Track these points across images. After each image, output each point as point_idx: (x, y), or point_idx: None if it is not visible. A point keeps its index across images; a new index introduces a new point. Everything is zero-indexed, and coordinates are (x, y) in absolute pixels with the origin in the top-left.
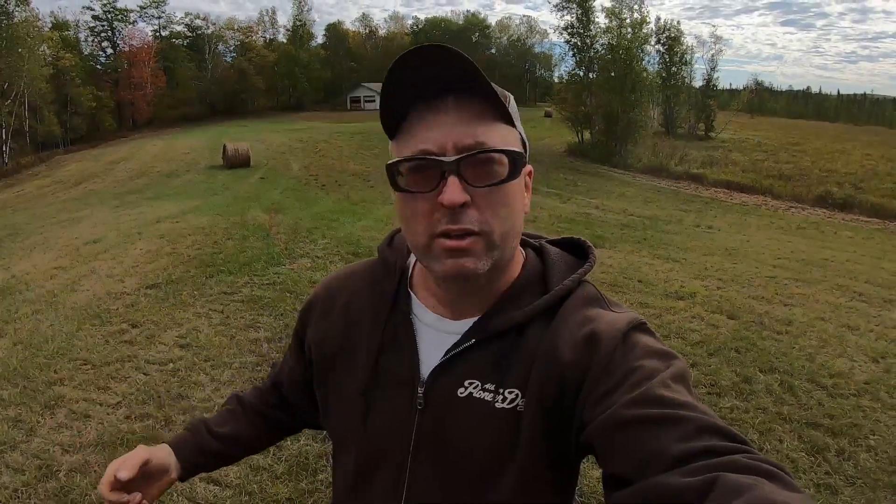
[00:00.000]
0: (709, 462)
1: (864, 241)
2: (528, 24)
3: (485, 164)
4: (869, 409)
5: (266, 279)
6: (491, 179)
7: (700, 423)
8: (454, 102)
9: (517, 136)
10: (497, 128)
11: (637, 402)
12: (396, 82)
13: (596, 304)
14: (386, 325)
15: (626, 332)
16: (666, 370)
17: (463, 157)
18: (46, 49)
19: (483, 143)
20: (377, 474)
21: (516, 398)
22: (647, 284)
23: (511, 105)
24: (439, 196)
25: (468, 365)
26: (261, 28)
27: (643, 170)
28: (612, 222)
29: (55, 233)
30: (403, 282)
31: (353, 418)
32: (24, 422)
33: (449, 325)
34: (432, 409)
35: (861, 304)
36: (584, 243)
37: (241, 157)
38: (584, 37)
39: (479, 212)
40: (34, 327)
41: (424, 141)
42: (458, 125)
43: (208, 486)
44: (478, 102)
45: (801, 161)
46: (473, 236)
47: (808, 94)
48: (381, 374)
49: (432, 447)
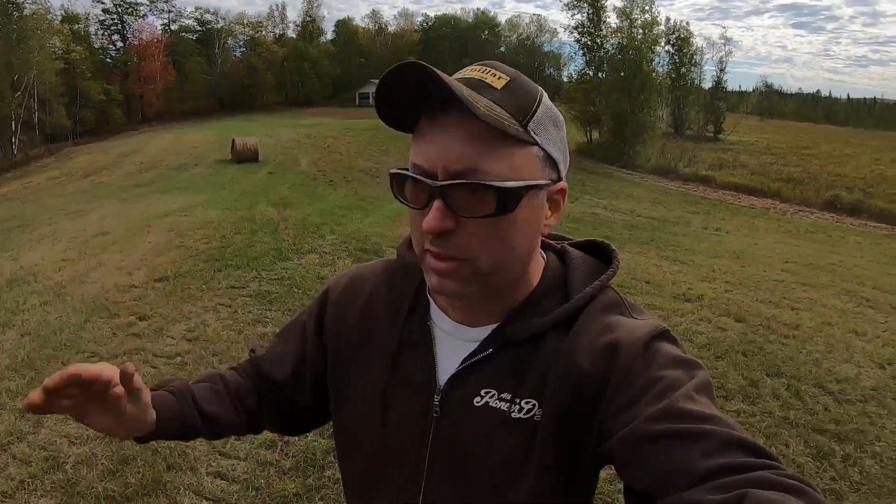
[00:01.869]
0: (736, 478)
1: (872, 246)
2: (537, 22)
3: (471, 193)
4: (875, 415)
5: (274, 274)
6: (476, 212)
7: (725, 437)
8: (457, 118)
9: (535, 158)
10: (503, 152)
11: (661, 416)
12: (385, 99)
13: (617, 310)
14: (403, 328)
15: (647, 340)
16: (689, 381)
17: (447, 183)
18: (57, 42)
19: (474, 170)
20: (391, 476)
21: (533, 408)
22: (654, 286)
23: (539, 112)
24: (423, 219)
25: (484, 374)
26: (270, 23)
27: (651, 171)
28: (619, 223)
29: (64, 225)
30: (422, 286)
31: (370, 418)
32: (32, 413)
33: (466, 332)
34: (448, 416)
35: (868, 310)
36: (608, 247)
37: (250, 152)
38: (595, 36)
39: (466, 239)
40: (42, 319)
41: (422, 155)
42: (455, 144)
43: (215, 481)
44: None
45: (810, 165)
46: (458, 261)
47: (818, 97)
48: (398, 376)
49: (448, 454)
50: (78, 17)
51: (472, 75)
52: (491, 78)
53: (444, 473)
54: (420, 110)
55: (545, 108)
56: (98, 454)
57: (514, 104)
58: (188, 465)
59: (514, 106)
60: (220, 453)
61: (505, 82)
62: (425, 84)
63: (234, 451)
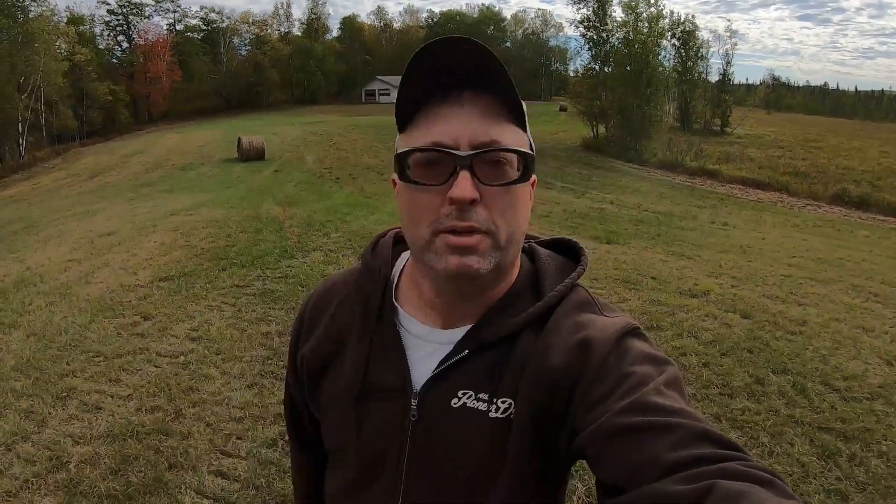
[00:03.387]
0: (703, 469)
1: (881, 240)
2: (543, 17)
3: (498, 163)
4: (882, 413)
5: (278, 272)
6: (503, 179)
7: (694, 430)
8: (470, 97)
9: (528, 141)
10: (510, 129)
11: (630, 409)
12: (417, 70)
13: (588, 309)
14: (373, 336)
15: (618, 337)
16: (659, 376)
17: (477, 153)
18: (62, 44)
19: (498, 142)
20: (374, 484)
21: (509, 407)
22: (660, 282)
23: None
24: (450, 191)
25: (461, 375)
26: (276, 21)
27: (658, 165)
28: (626, 218)
29: (70, 225)
30: (388, 292)
31: (347, 430)
32: (36, 413)
33: (439, 334)
34: (426, 420)
35: (876, 306)
36: (576, 245)
37: (256, 150)
38: (601, 31)
39: (488, 211)
40: (48, 319)
41: (438, 134)
42: (475, 120)
43: (216, 480)
44: (494, 100)
45: (818, 158)
46: (480, 234)
47: (826, 90)
48: (370, 384)
49: (427, 457)
50: (83, 18)
51: None
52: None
53: (422, 477)
54: (427, 95)
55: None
56: (101, 454)
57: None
58: (189, 465)
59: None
60: (221, 452)
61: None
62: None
63: (236, 450)
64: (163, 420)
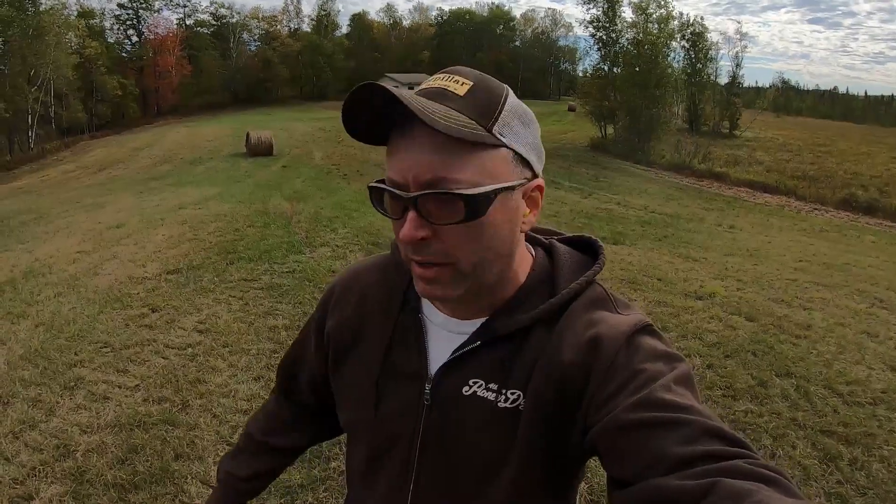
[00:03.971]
0: (709, 466)
1: (888, 246)
2: (552, 17)
3: (441, 202)
4: (885, 418)
5: (286, 267)
6: (450, 218)
7: (702, 426)
8: (421, 130)
9: (504, 160)
10: (469, 158)
11: (639, 405)
12: (353, 119)
13: (602, 305)
14: (396, 322)
15: (630, 334)
16: (669, 373)
17: (419, 194)
18: (73, 37)
19: (442, 179)
20: (387, 462)
21: (518, 398)
22: (666, 283)
23: (503, 114)
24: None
25: (474, 365)
26: (285, 17)
27: (666, 166)
28: (633, 219)
29: (79, 217)
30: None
31: (365, 407)
32: (44, 402)
33: (457, 325)
34: (438, 405)
35: (882, 311)
36: (595, 242)
37: (264, 146)
38: (610, 31)
39: (443, 244)
40: (56, 310)
41: (393, 170)
42: (423, 155)
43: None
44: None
45: (826, 163)
46: (439, 266)
47: (835, 94)
48: (391, 367)
49: (438, 442)
50: (93, 12)
51: (435, 85)
52: (454, 85)
53: (433, 459)
54: (391, 123)
55: (511, 107)
56: (108, 443)
57: (477, 109)
58: (196, 455)
59: (478, 111)
60: (227, 443)
61: (468, 88)
62: (389, 103)
63: None
64: (169, 411)
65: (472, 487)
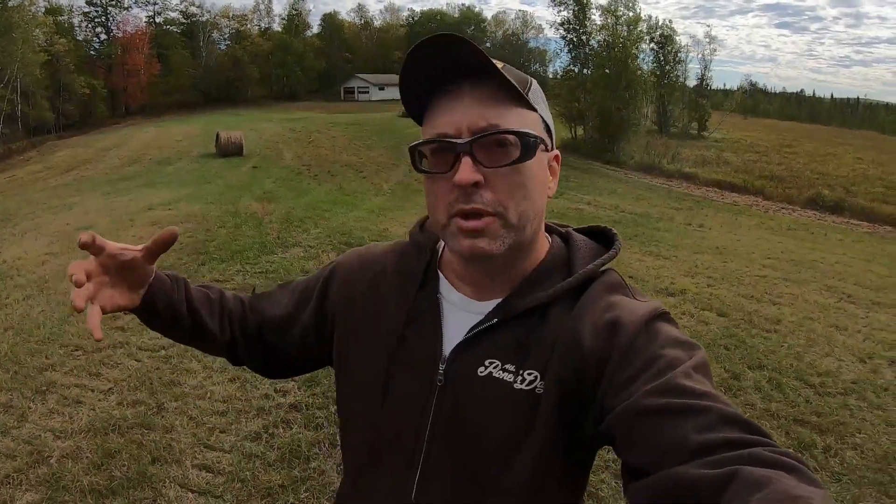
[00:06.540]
0: (729, 455)
1: (854, 243)
2: (523, 18)
3: (497, 145)
4: (855, 407)
5: (258, 268)
6: (503, 160)
7: (721, 413)
8: (469, 87)
9: (537, 119)
10: (514, 111)
11: (658, 391)
12: (411, 73)
13: (619, 291)
14: (413, 302)
15: (648, 319)
16: (688, 360)
17: (475, 138)
18: (40, 34)
19: (496, 125)
20: (392, 452)
21: (535, 380)
22: (637, 280)
23: (532, 88)
24: (453, 176)
25: (490, 344)
26: (256, 17)
27: (636, 167)
28: (603, 218)
29: (47, 219)
30: (433, 262)
31: (370, 398)
32: (16, 407)
33: (474, 305)
34: (452, 386)
35: (849, 306)
36: (610, 231)
37: (235, 146)
38: (580, 33)
39: (494, 192)
40: (25, 313)
41: (442, 125)
42: (473, 108)
43: (200, 473)
44: (493, 86)
45: (793, 163)
46: (488, 216)
47: (802, 96)
48: (402, 353)
49: (449, 425)
50: (62, 8)
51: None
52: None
53: (444, 444)
54: (430, 92)
55: (536, 87)
56: (83, 448)
57: (514, 78)
58: (173, 458)
59: (515, 79)
60: (205, 446)
61: (501, 65)
62: (457, 52)
63: (220, 444)
64: (145, 414)
65: (483, 471)
